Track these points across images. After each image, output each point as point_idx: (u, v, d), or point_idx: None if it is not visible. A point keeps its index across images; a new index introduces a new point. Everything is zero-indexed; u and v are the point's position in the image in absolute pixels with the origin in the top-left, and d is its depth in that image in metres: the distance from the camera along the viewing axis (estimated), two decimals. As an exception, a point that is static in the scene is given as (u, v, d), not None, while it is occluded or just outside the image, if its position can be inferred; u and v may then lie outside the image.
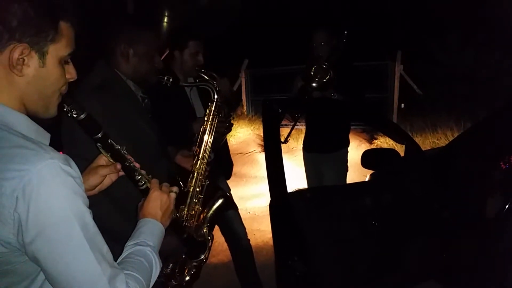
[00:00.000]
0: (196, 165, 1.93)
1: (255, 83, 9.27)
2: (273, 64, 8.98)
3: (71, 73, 1.04)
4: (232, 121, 2.44)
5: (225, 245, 2.96)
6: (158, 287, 1.83)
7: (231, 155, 3.01)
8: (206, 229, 1.93)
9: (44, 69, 0.95)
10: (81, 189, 0.93)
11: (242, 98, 9.13)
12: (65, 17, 0.97)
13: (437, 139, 6.29)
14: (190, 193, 1.90)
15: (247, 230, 3.01)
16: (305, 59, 3.35)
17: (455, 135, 6.09)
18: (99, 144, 1.18)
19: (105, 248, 0.97)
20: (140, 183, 1.24)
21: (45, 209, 0.85)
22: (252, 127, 8.12)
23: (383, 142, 6.66)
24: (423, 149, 3.03)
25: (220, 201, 1.97)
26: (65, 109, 1.07)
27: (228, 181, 2.85)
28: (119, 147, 1.22)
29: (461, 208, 2.16)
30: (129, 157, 1.24)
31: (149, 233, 1.15)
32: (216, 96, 2.01)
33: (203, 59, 2.50)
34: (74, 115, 1.09)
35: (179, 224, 1.35)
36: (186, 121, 2.33)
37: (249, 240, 2.98)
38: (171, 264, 1.85)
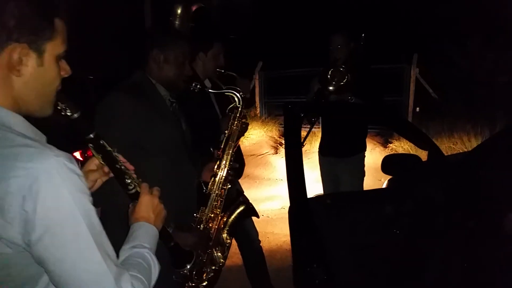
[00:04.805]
0: (219, 168, 1.94)
1: (268, 85, 9.26)
2: (286, 67, 8.95)
3: (65, 69, 1.02)
4: (247, 121, 2.46)
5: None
6: (175, 287, 1.84)
7: (244, 157, 3.00)
8: (226, 233, 1.93)
9: (42, 68, 0.94)
10: (86, 187, 0.92)
11: (256, 100, 9.13)
12: (59, 14, 0.96)
13: (453, 144, 6.19)
14: (212, 196, 1.90)
15: (260, 233, 2.99)
16: (319, 61, 3.32)
17: (472, 140, 6.00)
18: (91, 145, 1.16)
19: (110, 247, 0.96)
20: (130, 187, 1.22)
21: (52, 206, 0.85)
22: (265, 129, 8.10)
23: (398, 146, 6.58)
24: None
25: (241, 208, 1.98)
26: (58, 107, 1.04)
27: (241, 184, 2.84)
28: (111, 149, 1.19)
29: (485, 218, 2.11)
30: (120, 159, 1.22)
31: (145, 236, 1.14)
32: (241, 103, 2.03)
33: (223, 60, 2.52)
34: (68, 114, 1.06)
35: (167, 232, 1.37)
36: (214, 124, 2.35)
37: (260, 241, 2.96)
38: (188, 265, 1.84)
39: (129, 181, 1.21)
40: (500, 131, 3.04)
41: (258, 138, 7.81)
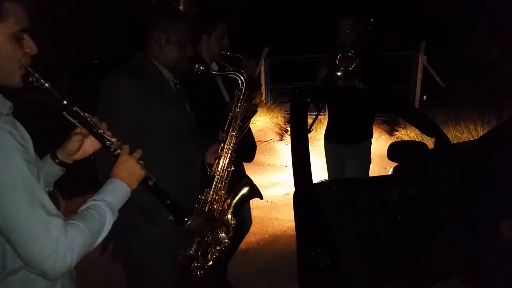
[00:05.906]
0: (223, 150, 1.94)
1: (274, 71, 9.20)
2: (293, 52, 8.88)
3: (30, 47, 1.13)
4: (256, 103, 2.43)
5: (242, 232, 2.93)
6: (180, 267, 1.86)
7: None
8: (231, 214, 1.94)
9: None
10: (21, 144, 1.04)
11: (261, 86, 9.07)
12: None
13: (460, 133, 6.16)
14: (216, 178, 1.91)
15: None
16: (326, 47, 3.26)
17: (479, 129, 5.96)
18: (65, 112, 1.25)
19: (44, 197, 1.07)
20: (112, 149, 1.32)
21: None
22: (270, 116, 8.08)
23: (404, 134, 6.55)
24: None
25: (245, 189, 1.99)
26: (30, 79, 1.16)
27: (246, 170, 2.83)
28: (85, 114, 1.29)
29: (490, 206, 2.10)
30: (99, 125, 1.32)
31: (109, 191, 1.25)
32: (244, 85, 2.01)
33: (228, 42, 2.49)
34: (38, 85, 1.18)
35: (162, 191, 1.45)
36: (219, 106, 2.34)
37: (248, 231, 2.94)
38: (195, 246, 1.86)
39: (109, 143, 1.32)
40: (507, 120, 3.00)
41: (264, 124, 7.80)
